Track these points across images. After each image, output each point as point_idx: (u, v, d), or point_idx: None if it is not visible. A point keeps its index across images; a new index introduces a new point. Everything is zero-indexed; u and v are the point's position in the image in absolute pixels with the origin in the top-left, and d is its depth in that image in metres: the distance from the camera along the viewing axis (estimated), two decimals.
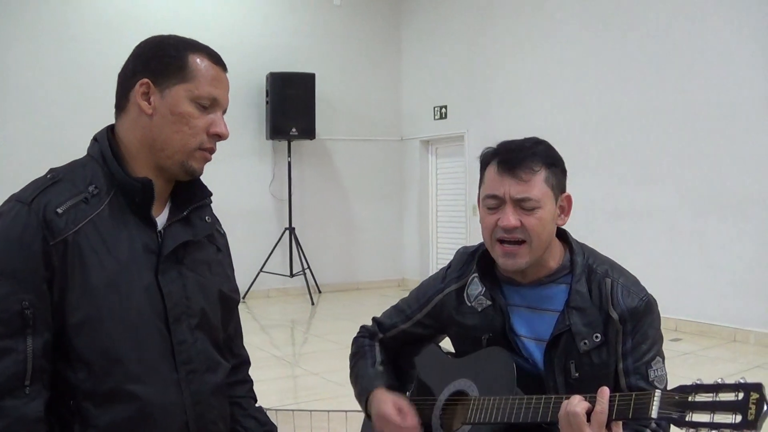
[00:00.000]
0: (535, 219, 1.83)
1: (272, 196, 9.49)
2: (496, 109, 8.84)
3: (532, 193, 1.83)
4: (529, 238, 1.83)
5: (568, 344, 1.85)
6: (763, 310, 6.11)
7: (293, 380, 5.57)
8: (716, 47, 6.48)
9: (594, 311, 1.86)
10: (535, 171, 1.84)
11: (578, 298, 1.87)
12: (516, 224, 1.82)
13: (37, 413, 1.44)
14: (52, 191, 1.50)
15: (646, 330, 1.85)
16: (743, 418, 1.34)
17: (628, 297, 1.85)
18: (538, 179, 1.84)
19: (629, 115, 7.24)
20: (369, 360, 2.17)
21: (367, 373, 2.13)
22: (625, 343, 1.84)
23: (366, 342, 2.24)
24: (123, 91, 1.61)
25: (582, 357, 1.84)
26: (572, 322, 1.85)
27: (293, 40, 9.61)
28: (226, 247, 1.82)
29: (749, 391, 1.36)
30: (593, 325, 1.85)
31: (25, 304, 1.43)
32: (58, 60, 8.18)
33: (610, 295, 1.86)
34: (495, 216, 1.86)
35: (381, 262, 10.34)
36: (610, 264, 1.94)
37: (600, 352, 1.85)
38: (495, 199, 1.86)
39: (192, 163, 1.61)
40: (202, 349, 1.64)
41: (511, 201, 1.83)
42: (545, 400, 1.69)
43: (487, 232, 1.90)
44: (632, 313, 1.84)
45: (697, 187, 6.65)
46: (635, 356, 1.83)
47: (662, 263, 6.78)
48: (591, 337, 1.84)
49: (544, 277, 1.93)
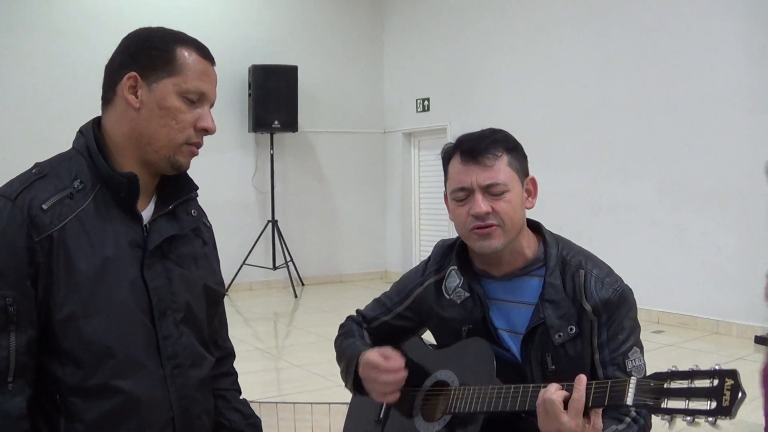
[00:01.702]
0: (505, 202, 1.86)
1: (255, 188, 9.47)
2: (478, 103, 8.85)
3: (499, 177, 1.86)
4: (501, 222, 1.85)
5: (543, 337, 1.87)
6: (745, 302, 6.16)
7: (276, 373, 5.57)
8: (697, 42, 6.52)
9: (568, 303, 1.87)
10: (497, 156, 1.88)
11: (552, 290, 1.89)
12: (487, 209, 1.84)
13: (20, 410, 1.44)
14: (37, 187, 1.49)
15: (622, 320, 1.86)
16: (718, 404, 1.35)
17: (602, 288, 1.87)
18: (501, 164, 1.88)
19: (611, 109, 7.28)
20: (357, 336, 2.19)
21: (355, 344, 2.14)
22: (600, 334, 1.85)
23: (354, 327, 2.26)
24: (110, 84, 1.59)
25: (557, 349, 1.86)
26: (546, 314, 1.86)
27: (275, 32, 9.58)
28: (212, 240, 1.81)
29: (724, 377, 1.38)
30: (567, 317, 1.86)
31: (8, 301, 1.43)
32: (45, 53, 8.08)
33: (583, 287, 1.87)
34: (465, 207, 1.89)
35: (364, 254, 10.34)
36: (584, 255, 1.96)
37: (575, 344, 1.86)
38: (463, 191, 1.89)
39: (179, 157, 1.60)
40: (187, 343, 1.63)
41: (480, 189, 1.86)
42: (523, 389, 1.71)
43: (460, 223, 1.93)
44: (606, 305, 1.85)
45: (678, 180, 6.69)
46: (611, 347, 1.84)
47: (644, 256, 6.83)
48: (565, 330, 1.85)
49: (518, 270, 1.94)
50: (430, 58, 9.66)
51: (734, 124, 6.27)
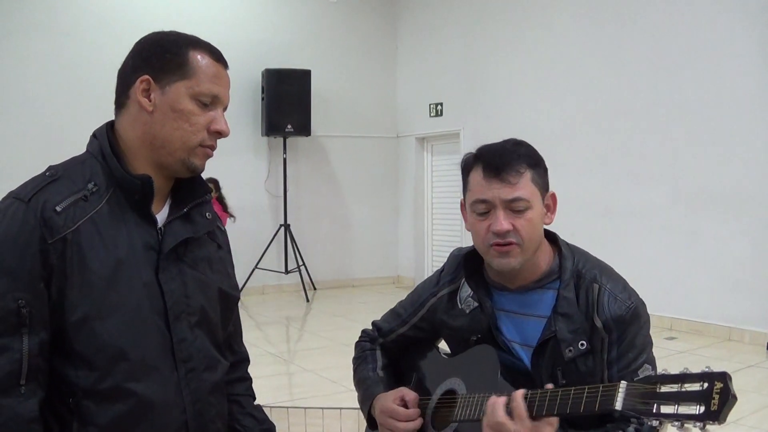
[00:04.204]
0: (526, 220, 1.82)
1: (267, 192, 9.49)
2: (491, 108, 8.85)
3: (522, 193, 1.82)
4: (520, 241, 1.82)
5: (554, 351, 1.84)
6: (758, 309, 6.13)
7: (288, 377, 5.57)
8: (710, 45, 6.50)
9: (581, 318, 1.84)
10: (521, 173, 1.84)
11: (565, 304, 1.86)
12: (508, 228, 1.81)
13: (32, 413, 1.43)
14: (50, 189, 1.49)
15: (633, 339, 1.82)
16: (706, 408, 1.31)
17: (615, 304, 1.83)
18: (525, 180, 1.84)
19: (624, 113, 7.26)
20: (370, 365, 2.19)
21: (369, 378, 2.14)
22: (610, 351, 1.82)
23: (367, 346, 2.26)
24: (123, 87, 1.59)
25: (568, 364, 1.83)
26: (558, 328, 1.84)
27: (289, 36, 9.61)
28: (226, 244, 1.81)
29: (714, 380, 1.32)
30: (579, 332, 1.83)
31: (21, 303, 1.42)
32: (53, 56, 8.16)
33: (596, 302, 1.84)
34: (486, 222, 1.85)
35: (376, 259, 10.34)
36: (600, 268, 1.92)
37: (586, 360, 1.83)
38: (484, 203, 1.86)
39: (193, 159, 1.60)
40: (201, 347, 1.63)
41: (502, 204, 1.83)
42: None
43: (479, 238, 1.89)
44: (617, 322, 1.81)
45: (691, 185, 6.66)
46: (621, 365, 1.81)
47: (656, 262, 6.80)
48: (576, 345, 1.82)
49: (532, 282, 1.92)
50: (443, 63, 9.66)
51: (748, 129, 6.23)
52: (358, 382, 2.20)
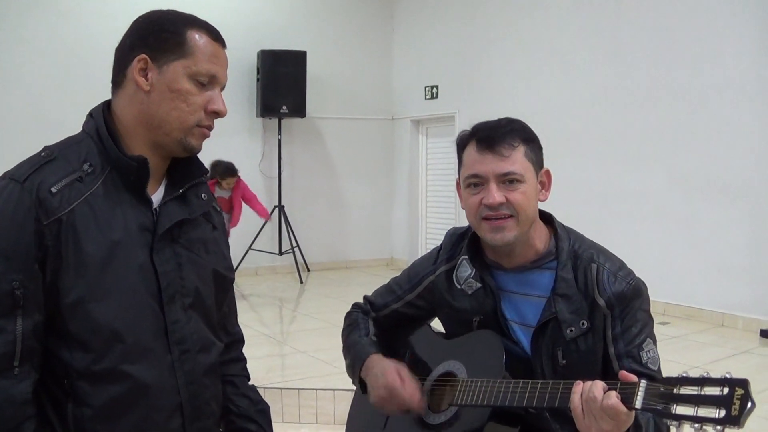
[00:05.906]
0: (519, 193, 1.84)
1: (262, 173, 9.47)
2: (487, 91, 8.82)
3: (514, 167, 1.84)
4: (515, 212, 1.83)
5: (554, 331, 1.86)
6: (752, 295, 6.16)
7: (281, 358, 5.58)
8: (707, 30, 6.48)
9: (580, 298, 1.86)
10: (514, 146, 1.86)
11: (564, 285, 1.87)
12: (501, 200, 1.82)
13: (25, 395, 1.43)
14: (46, 170, 1.48)
15: (635, 313, 1.85)
16: (727, 413, 1.34)
17: (615, 282, 1.85)
18: (518, 154, 1.86)
19: (619, 97, 7.25)
20: (362, 330, 2.18)
21: (361, 342, 2.13)
22: (614, 327, 1.84)
23: (360, 316, 2.25)
24: (120, 66, 1.58)
25: (569, 344, 1.85)
26: (558, 309, 1.85)
27: (284, 17, 9.55)
28: (221, 225, 1.79)
29: (735, 386, 1.36)
30: (579, 312, 1.85)
31: (15, 284, 1.42)
32: (49, 36, 8.09)
33: (596, 281, 1.86)
34: (479, 196, 1.86)
35: (370, 241, 10.35)
36: (596, 249, 1.94)
37: (587, 339, 1.85)
38: (477, 177, 1.87)
39: (190, 139, 1.58)
40: (195, 328, 1.63)
41: (495, 178, 1.84)
42: (532, 385, 1.70)
43: (471, 212, 1.90)
44: (619, 298, 1.84)
45: (687, 170, 6.67)
46: (626, 339, 1.83)
47: (651, 247, 6.81)
48: (577, 325, 1.84)
49: (529, 262, 1.93)
50: (439, 45, 9.63)
51: (745, 115, 6.23)
52: (348, 347, 2.17)
